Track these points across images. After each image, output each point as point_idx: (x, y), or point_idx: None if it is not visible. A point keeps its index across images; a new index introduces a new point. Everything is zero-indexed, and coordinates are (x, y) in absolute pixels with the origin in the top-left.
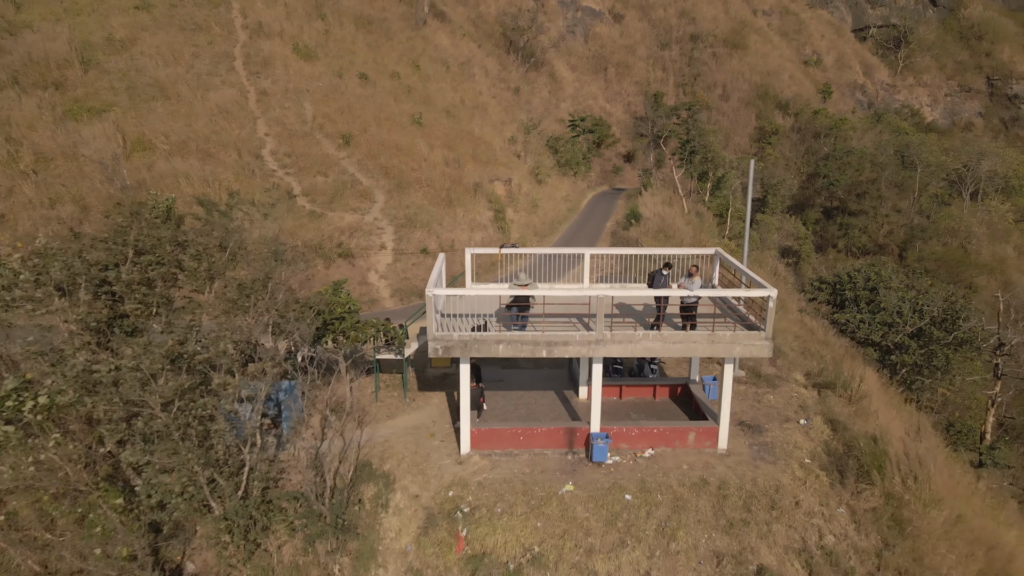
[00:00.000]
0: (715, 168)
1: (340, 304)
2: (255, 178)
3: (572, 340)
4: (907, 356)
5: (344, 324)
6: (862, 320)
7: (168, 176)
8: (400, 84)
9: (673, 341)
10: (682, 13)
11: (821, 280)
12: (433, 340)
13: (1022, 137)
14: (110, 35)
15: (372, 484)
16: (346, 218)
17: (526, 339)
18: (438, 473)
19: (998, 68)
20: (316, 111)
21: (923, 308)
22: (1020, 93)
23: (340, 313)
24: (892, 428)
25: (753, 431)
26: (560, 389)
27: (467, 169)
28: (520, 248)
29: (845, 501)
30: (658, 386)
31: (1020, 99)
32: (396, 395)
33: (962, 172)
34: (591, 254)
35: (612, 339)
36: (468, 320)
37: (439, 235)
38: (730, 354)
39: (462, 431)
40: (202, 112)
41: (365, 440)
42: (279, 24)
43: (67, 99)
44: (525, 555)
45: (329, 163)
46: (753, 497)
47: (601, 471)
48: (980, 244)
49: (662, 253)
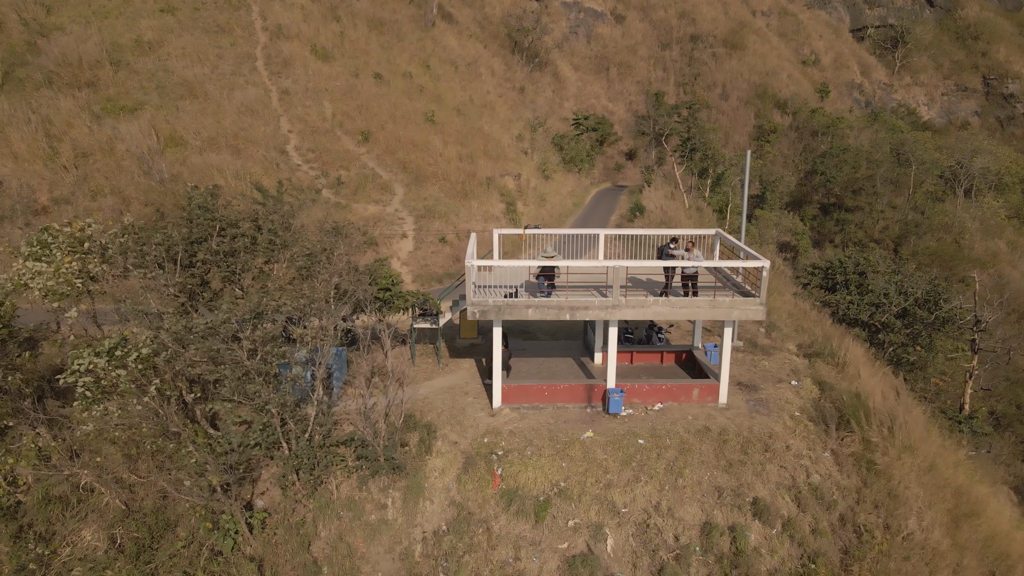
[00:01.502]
0: (715, 165)
1: (384, 277)
2: (281, 171)
3: (592, 305)
4: (893, 335)
5: (388, 294)
6: (851, 301)
7: (201, 169)
8: (412, 83)
9: (679, 306)
10: (682, 14)
11: (814, 266)
12: (471, 305)
13: (1018, 136)
14: (138, 37)
15: (416, 432)
16: (369, 209)
17: (552, 304)
18: (474, 424)
19: (994, 68)
20: (335, 109)
21: (907, 290)
22: (1016, 92)
23: (385, 284)
24: (873, 389)
25: (750, 390)
26: (577, 356)
27: (479, 164)
28: (542, 229)
29: (830, 447)
30: (665, 352)
31: (1016, 98)
32: (431, 361)
33: (956, 169)
34: (605, 234)
35: (627, 304)
36: (497, 292)
37: (456, 225)
38: (729, 317)
39: (494, 387)
40: (229, 110)
41: (407, 398)
42: (297, 26)
43: (100, 98)
44: (552, 489)
45: (350, 158)
46: (749, 442)
47: (617, 421)
48: (973, 239)
49: (669, 233)
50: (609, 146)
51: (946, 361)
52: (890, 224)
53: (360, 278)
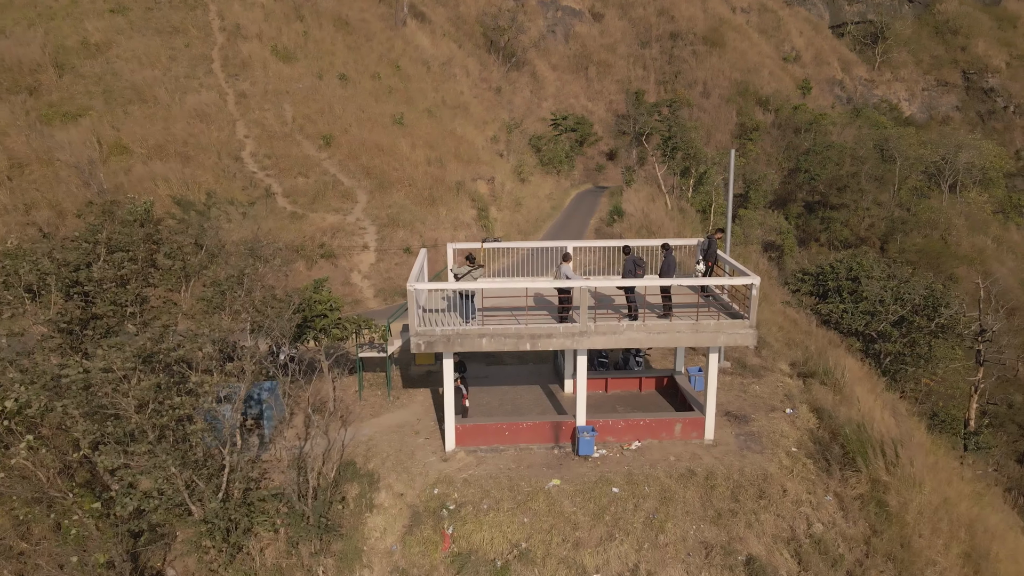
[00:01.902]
0: (697, 164)
1: (321, 301)
2: (235, 180)
3: (556, 332)
4: (890, 345)
5: (325, 321)
6: (845, 310)
7: (146, 179)
8: (381, 85)
9: (657, 331)
10: (661, 11)
11: (804, 272)
12: (416, 336)
13: (998, 130)
14: (85, 39)
15: (356, 483)
16: (328, 219)
17: (509, 333)
18: (423, 471)
19: (973, 62)
20: (296, 112)
21: (904, 296)
22: (996, 86)
23: (321, 311)
24: (873, 412)
25: (739, 421)
26: (545, 383)
27: (449, 168)
28: (503, 243)
29: (832, 489)
30: (643, 378)
31: (996, 92)
32: (380, 393)
33: (940, 165)
34: (574, 247)
35: (596, 331)
36: (451, 319)
37: (422, 234)
38: (715, 343)
39: (446, 428)
40: (180, 115)
41: (349, 439)
42: (257, 26)
43: (41, 104)
44: (512, 551)
45: (310, 164)
46: (740, 487)
47: (588, 465)
48: (960, 235)
49: (645, 245)
50: (589, 146)
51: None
52: (876, 222)
53: (279, 308)
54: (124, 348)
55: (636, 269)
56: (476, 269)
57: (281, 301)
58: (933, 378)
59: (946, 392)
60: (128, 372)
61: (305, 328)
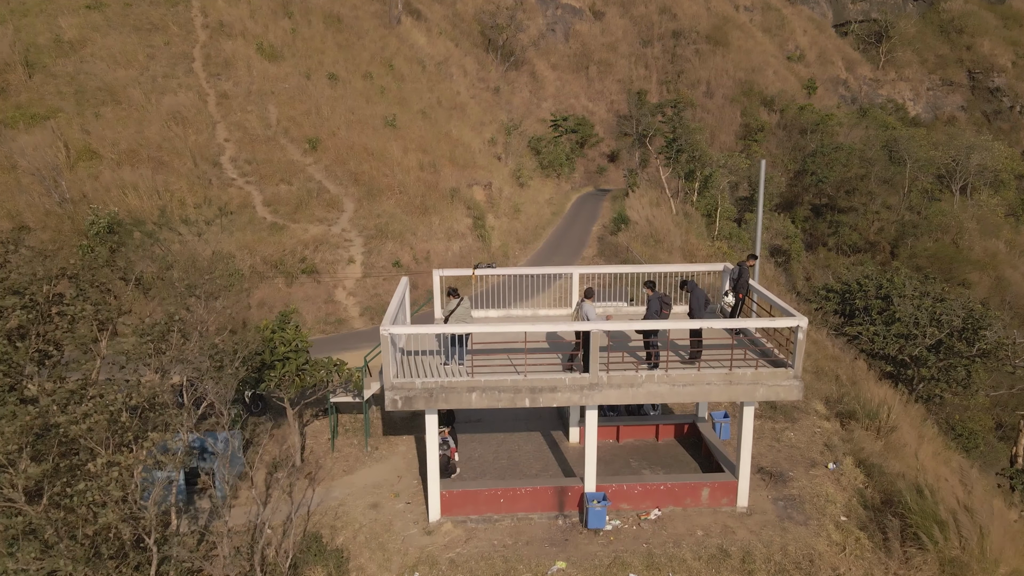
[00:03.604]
0: (702, 167)
1: (286, 341)
2: (211, 187)
3: (561, 385)
4: (924, 370)
5: (287, 367)
6: (876, 333)
7: (114, 187)
8: (373, 85)
9: (683, 383)
10: (663, 9)
11: (828, 289)
12: (392, 390)
13: (1005, 130)
14: (58, 36)
15: (321, 566)
16: (311, 230)
17: (504, 385)
18: (401, 547)
19: (979, 61)
20: (281, 114)
21: (941, 318)
22: (1002, 86)
23: (284, 353)
24: (929, 467)
25: (776, 481)
26: (547, 429)
27: (444, 173)
28: (496, 268)
29: (893, 572)
30: (661, 425)
31: (1002, 92)
32: (357, 442)
33: (951, 166)
34: (580, 273)
35: (609, 383)
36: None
37: (413, 246)
38: (752, 398)
39: (430, 495)
40: (155, 117)
41: (316, 503)
42: (242, 23)
43: (9, 106)
44: None
45: (294, 169)
46: (784, 570)
47: (599, 541)
48: (972, 240)
49: (660, 271)
50: (590, 148)
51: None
52: (885, 225)
53: (228, 359)
54: (2, 425)
55: (663, 309)
56: (461, 303)
57: (220, 352)
58: (970, 401)
59: (961, 403)
60: (13, 455)
61: (265, 373)
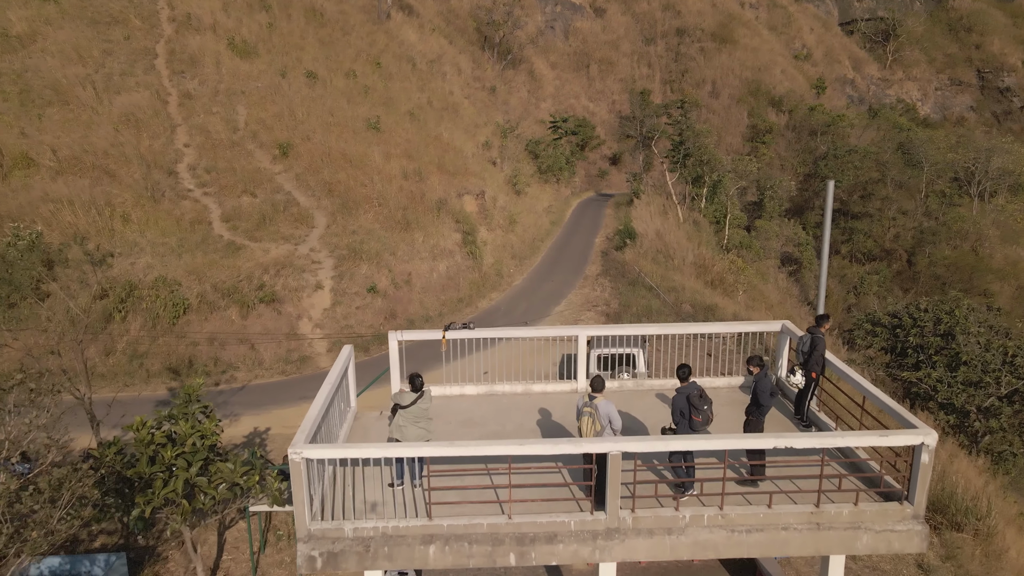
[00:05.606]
0: (711, 171)
1: (177, 439)
2: (163, 201)
3: (562, 532)
4: (994, 421)
5: (170, 486)
6: (939, 379)
7: (47, 202)
8: (356, 84)
9: (745, 527)
10: (666, 6)
11: (874, 322)
12: (306, 541)
13: (1015, 131)
14: (5, 30)
15: None
16: (272, 250)
17: (479, 533)
18: None
19: (988, 61)
20: (250, 116)
21: (1016, 360)
22: (1012, 86)
23: (170, 461)
24: None
25: None
26: None
27: (431, 182)
28: (474, 329)
29: None
30: None
31: (1012, 92)
32: (290, 556)
33: (970, 170)
34: (587, 335)
35: (634, 526)
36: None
37: (392, 268)
38: (851, 550)
39: None
40: (105, 119)
41: None
42: (213, 16)
43: None
44: None
45: (260, 179)
46: None
47: None
48: (992, 247)
49: (692, 332)
50: (591, 150)
51: None
52: (902, 232)
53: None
54: None
55: (702, 406)
56: (420, 398)
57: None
58: None
59: None
60: None
61: (138, 496)
